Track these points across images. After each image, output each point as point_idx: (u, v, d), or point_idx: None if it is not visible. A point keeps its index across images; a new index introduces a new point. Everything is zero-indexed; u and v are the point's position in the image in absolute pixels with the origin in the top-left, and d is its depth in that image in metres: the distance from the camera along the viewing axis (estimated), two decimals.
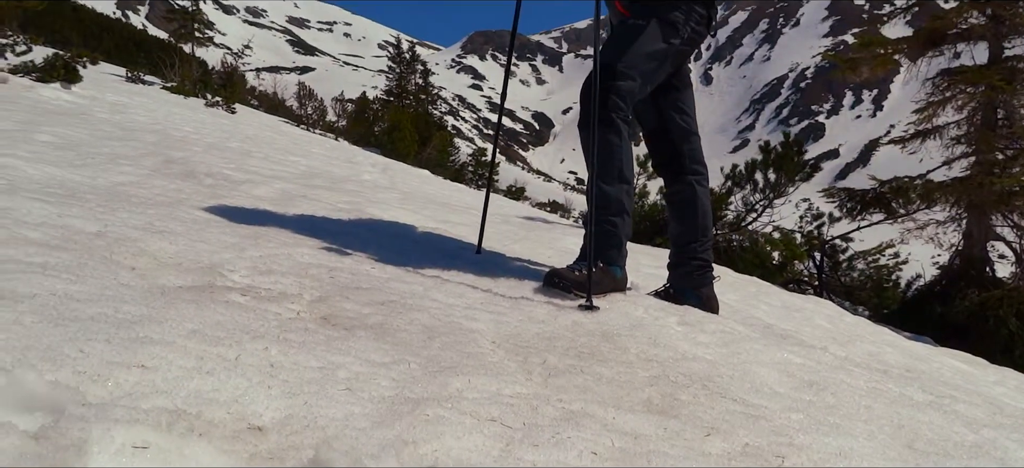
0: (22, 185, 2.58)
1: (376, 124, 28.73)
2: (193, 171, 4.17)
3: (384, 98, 40.36)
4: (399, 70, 43.57)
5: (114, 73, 21.13)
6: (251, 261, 2.23)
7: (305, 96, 29.58)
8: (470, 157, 27.40)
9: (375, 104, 34.32)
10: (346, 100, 35.63)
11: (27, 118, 5.51)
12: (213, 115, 15.93)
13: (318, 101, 28.82)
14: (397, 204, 5.12)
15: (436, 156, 25.05)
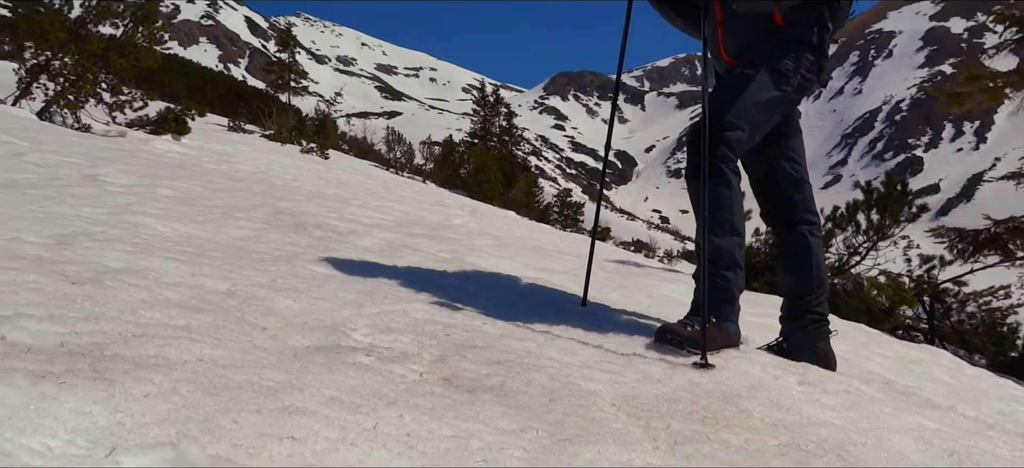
0: (156, 244, 2.72)
1: (462, 166, 29.26)
2: (302, 223, 4.32)
3: (469, 140, 41.09)
4: (483, 113, 44.27)
5: (217, 123, 22.33)
6: (370, 318, 2.28)
7: (393, 140, 30.43)
8: (555, 198, 27.46)
9: (460, 147, 35.01)
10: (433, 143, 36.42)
11: (147, 171, 5.84)
12: (309, 161, 16.57)
13: (406, 145, 29.59)
14: (493, 251, 5.15)
15: (521, 197, 25.23)
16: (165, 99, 17.05)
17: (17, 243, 2.26)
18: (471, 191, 23.13)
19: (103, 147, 7.77)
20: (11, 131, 6.68)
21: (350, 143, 34.35)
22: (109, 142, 8.94)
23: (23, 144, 5.73)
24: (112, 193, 3.94)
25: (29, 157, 4.99)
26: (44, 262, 2.09)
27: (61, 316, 1.60)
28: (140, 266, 2.28)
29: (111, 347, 1.48)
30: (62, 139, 7.45)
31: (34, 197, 3.19)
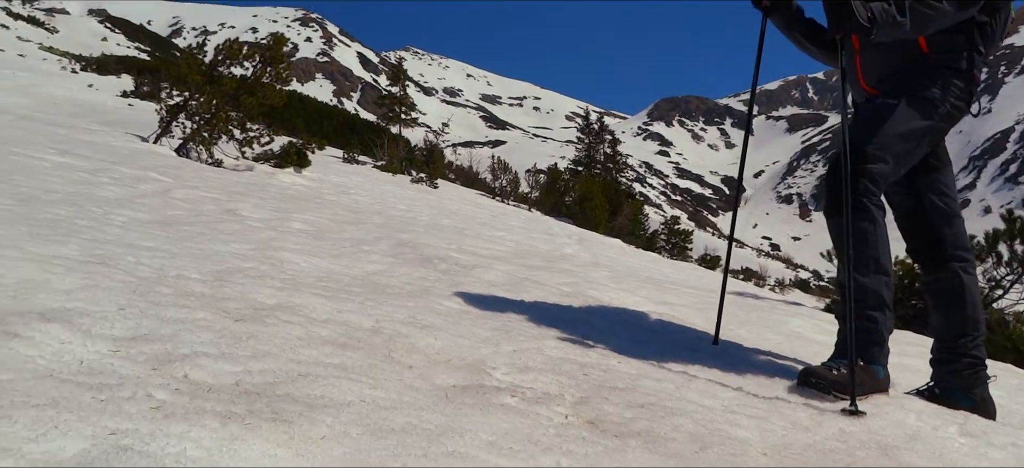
0: (301, 280, 2.84)
1: (567, 194, 29.28)
2: (426, 256, 4.42)
3: (573, 168, 41.13)
4: (588, 140, 44.22)
5: (333, 155, 23.32)
6: (508, 357, 2.29)
7: (500, 169, 30.85)
8: (663, 225, 27.04)
9: (565, 174, 35.12)
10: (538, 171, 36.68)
11: (278, 205, 6.15)
12: (419, 191, 17.03)
13: (512, 174, 29.93)
14: (612, 284, 5.11)
15: (627, 225, 24.98)
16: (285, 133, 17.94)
17: (183, 280, 2.41)
18: (577, 219, 23.10)
19: (236, 181, 8.25)
20: (157, 168, 7.19)
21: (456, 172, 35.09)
22: (240, 176, 9.47)
23: (169, 181, 6.16)
24: (253, 228, 4.17)
25: (176, 193, 5.35)
26: (208, 299, 2.22)
27: (232, 355, 1.69)
28: (291, 303, 2.38)
29: (281, 386, 1.55)
30: (200, 174, 7.96)
31: (189, 233, 3.41)
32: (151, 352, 1.61)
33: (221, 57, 12.15)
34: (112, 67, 41.38)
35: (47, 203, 3.42)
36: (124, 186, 4.90)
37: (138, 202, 4.25)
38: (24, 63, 35.39)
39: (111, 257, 2.53)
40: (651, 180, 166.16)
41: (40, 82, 27.69)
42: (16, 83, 26.26)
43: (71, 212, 3.29)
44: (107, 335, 1.68)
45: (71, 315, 1.74)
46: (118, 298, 1.99)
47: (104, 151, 7.91)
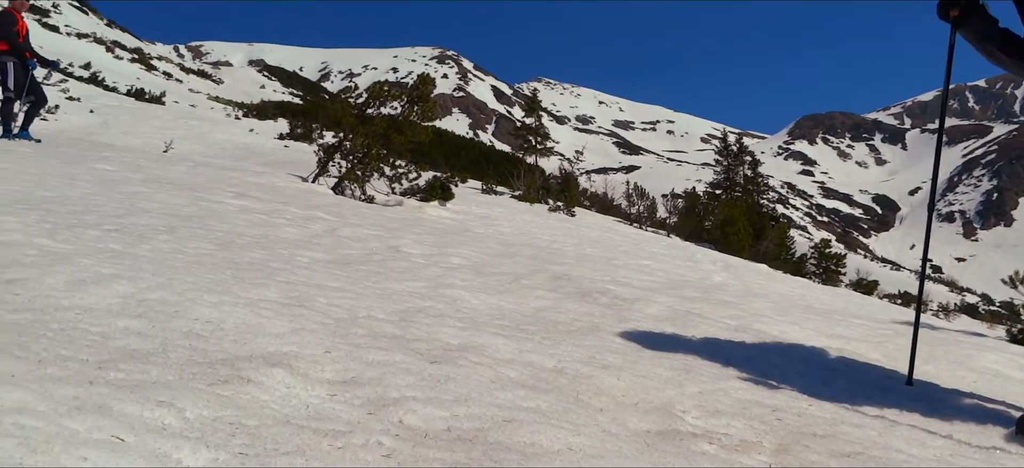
0: (477, 318, 2.91)
1: (706, 219, 28.50)
2: (585, 289, 4.41)
3: (711, 191, 40.01)
4: (726, 162, 42.92)
5: (472, 187, 23.92)
6: (694, 399, 2.23)
7: (637, 194, 30.53)
8: (812, 249, 25.71)
9: (703, 198, 34.21)
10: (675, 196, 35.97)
11: (433, 240, 6.35)
12: (558, 220, 17.12)
13: (648, 199, 29.51)
14: (776, 315, 4.88)
15: (773, 250, 23.95)
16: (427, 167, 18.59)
17: (373, 321, 2.53)
18: (718, 244, 22.41)
19: (390, 217, 8.61)
20: (321, 207, 7.63)
21: (591, 199, 35.03)
22: (392, 211, 9.89)
23: (334, 220, 6.52)
24: (418, 265, 4.32)
25: (343, 232, 5.64)
26: (399, 341, 2.31)
27: (437, 399, 1.74)
28: (474, 343, 2.44)
29: (491, 433, 1.57)
30: (358, 212, 8.38)
31: (365, 273, 3.59)
32: (364, 396, 1.69)
33: (371, 99, 12.79)
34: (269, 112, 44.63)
35: (241, 247, 3.70)
36: (298, 226, 5.22)
37: (314, 242, 4.51)
38: (195, 112, 38.85)
39: (306, 299, 2.69)
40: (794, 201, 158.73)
41: (209, 130, 30.29)
42: (190, 131, 28.87)
43: (263, 255, 3.55)
44: (322, 378, 1.78)
45: (288, 359, 1.85)
46: (323, 340, 2.11)
47: (273, 192, 8.48)
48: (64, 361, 1.54)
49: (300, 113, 45.72)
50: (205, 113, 38.98)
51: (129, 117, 29.81)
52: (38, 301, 2.07)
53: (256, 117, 41.38)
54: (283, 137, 32.46)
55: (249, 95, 62.70)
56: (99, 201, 4.38)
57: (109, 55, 52.79)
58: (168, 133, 26.81)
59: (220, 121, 35.34)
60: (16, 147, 8.22)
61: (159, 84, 47.69)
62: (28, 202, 3.82)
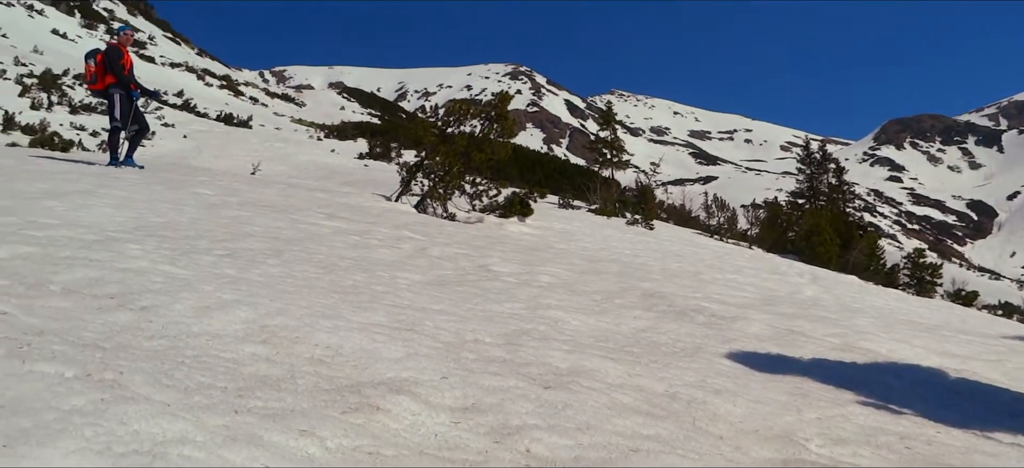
0: (581, 341, 2.90)
1: (790, 229, 27.69)
2: (679, 307, 4.34)
3: (792, 201, 38.85)
4: (809, 170, 41.58)
5: (549, 201, 23.94)
6: (815, 425, 2.15)
7: (718, 206, 29.95)
8: (905, 259, 24.64)
9: (786, 208, 33.26)
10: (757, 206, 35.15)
11: (520, 257, 6.37)
12: (636, 233, 16.94)
13: (729, 210, 28.90)
14: (882, 332, 4.69)
15: (863, 260, 23.07)
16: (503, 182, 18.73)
17: (481, 345, 2.55)
18: (803, 255, 21.73)
19: (474, 234, 8.69)
20: (407, 226, 7.77)
21: (669, 211, 34.52)
22: (475, 229, 9.98)
23: (422, 239, 6.62)
24: (511, 284, 4.34)
25: (432, 251, 5.73)
26: (510, 365, 2.32)
27: (558, 426, 1.74)
28: (583, 367, 2.43)
29: (618, 463, 1.56)
30: (442, 230, 8.49)
31: (463, 294, 3.63)
32: (487, 424, 1.70)
33: (451, 118, 12.95)
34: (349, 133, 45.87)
35: (344, 270, 3.80)
36: (391, 247, 5.33)
37: (409, 263, 4.59)
38: (280, 135, 40.28)
39: (414, 323, 2.73)
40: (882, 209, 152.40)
41: (293, 151, 31.35)
42: (275, 153, 29.94)
43: (365, 278, 3.63)
44: (444, 405, 1.80)
45: (409, 385, 1.89)
46: (438, 366, 2.14)
47: (360, 212, 8.69)
48: (206, 389, 1.61)
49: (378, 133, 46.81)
50: (289, 135, 40.38)
51: (219, 141, 31.16)
52: (171, 328, 2.18)
53: (337, 138, 42.60)
54: (363, 157, 33.33)
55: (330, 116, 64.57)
56: (207, 226, 4.58)
57: (200, 83, 55.29)
58: (255, 155, 27.86)
59: (303, 143, 36.54)
60: (124, 174, 8.68)
61: (246, 109, 49.67)
62: (145, 229, 4.03)
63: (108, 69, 10.37)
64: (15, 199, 4.48)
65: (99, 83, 10.44)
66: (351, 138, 43.48)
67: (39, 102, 30.40)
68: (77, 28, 56.34)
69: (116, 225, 4.04)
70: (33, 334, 1.83)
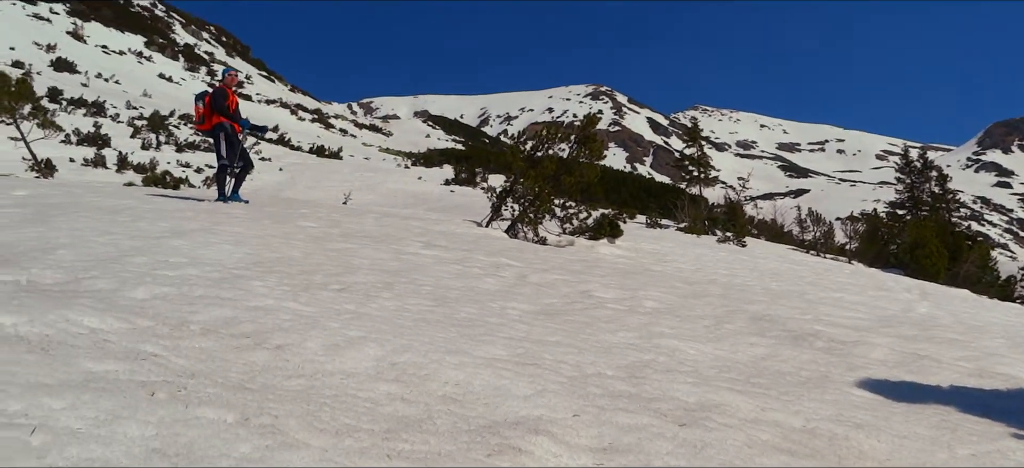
0: (704, 372, 2.83)
1: (891, 242, 26.50)
2: (794, 333, 4.19)
3: (893, 212, 37.16)
4: (910, 179, 39.68)
5: (636, 222, 23.67)
6: (969, 462, 2.02)
7: (813, 219, 28.98)
8: (1022, 270, 23.16)
9: (886, 220, 31.88)
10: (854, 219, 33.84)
11: (619, 282, 6.30)
12: (729, 251, 16.55)
13: (825, 224, 27.91)
14: (1015, 354, 4.40)
15: (974, 272, 21.80)
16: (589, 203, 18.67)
17: (603, 378, 2.53)
18: (908, 269, 20.73)
19: (569, 259, 8.66)
20: (503, 252, 7.82)
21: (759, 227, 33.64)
22: (568, 253, 9.95)
23: (519, 265, 6.65)
24: (617, 311, 4.29)
25: (532, 278, 5.74)
26: (637, 400, 2.28)
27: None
28: (712, 401, 2.37)
29: None
30: (537, 255, 8.50)
31: (575, 323, 3.61)
32: (631, 466, 1.67)
33: (539, 142, 13.00)
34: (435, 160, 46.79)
35: (454, 301, 3.85)
36: (493, 275, 5.37)
37: (514, 292, 4.61)
38: (369, 164, 41.41)
39: (534, 356, 2.73)
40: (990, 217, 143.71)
41: (381, 180, 32.19)
42: (365, 182, 30.80)
43: (477, 310, 3.67)
44: (582, 445, 1.78)
45: (544, 424, 1.88)
46: (567, 402, 2.12)
47: (455, 239, 8.80)
48: (354, 432, 1.65)
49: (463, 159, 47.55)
50: (378, 164, 41.52)
51: (312, 173, 32.30)
52: (306, 367, 2.25)
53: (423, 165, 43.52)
54: (449, 182, 33.89)
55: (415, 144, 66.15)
56: (318, 260, 4.73)
57: (293, 117, 57.72)
58: (347, 185, 28.75)
59: (391, 171, 37.47)
60: (232, 209, 9.09)
61: (336, 140, 51.45)
62: (263, 265, 4.19)
63: (215, 109, 10.93)
64: (144, 239, 4.74)
65: (207, 123, 10.99)
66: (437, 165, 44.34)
67: (148, 142, 32.31)
68: (181, 72, 59.81)
69: (236, 261, 4.22)
70: (187, 377, 1.92)
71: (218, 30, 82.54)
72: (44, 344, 2.01)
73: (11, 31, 53.03)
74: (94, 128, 31.98)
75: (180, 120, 39.53)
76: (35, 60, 47.85)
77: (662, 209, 33.27)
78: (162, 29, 68.53)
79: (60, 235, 4.51)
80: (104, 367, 1.87)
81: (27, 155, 17.56)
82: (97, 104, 38.68)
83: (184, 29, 73.31)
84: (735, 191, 37.11)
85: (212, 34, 78.91)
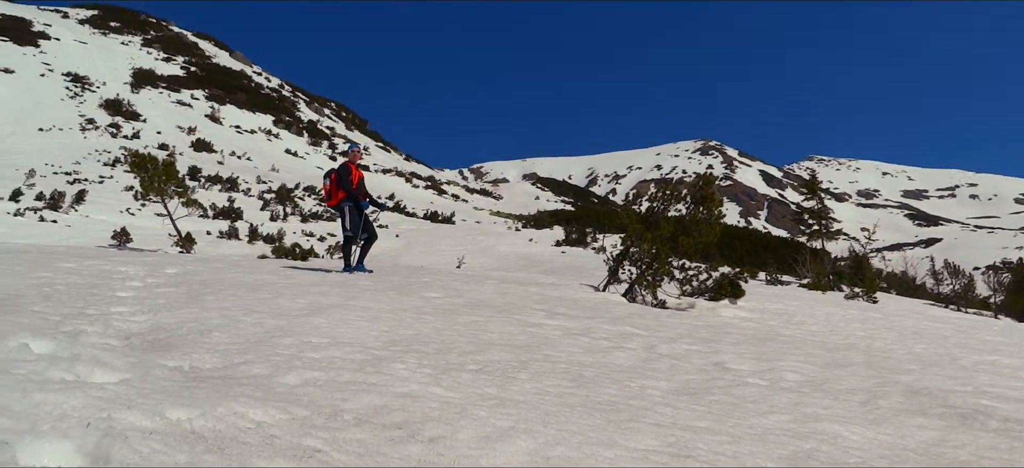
0: (876, 463, 2.61)
1: None
2: (961, 411, 3.84)
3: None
4: None
5: (756, 280, 22.82)
6: None
7: (950, 271, 27.16)
8: None
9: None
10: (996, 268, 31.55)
11: (753, 351, 6.04)
12: (860, 309, 15.64)
13: (963, 275, 26.05)
14: None
15: None
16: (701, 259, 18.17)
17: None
18: None
19: (694, 324, 8.40)
20: (625, 319, 7.68)
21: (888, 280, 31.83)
22: (692, 317, 9.67)
23: (645, 334, 6.49)
24: (761, 389, 4.09)
25: (661, 349, 5.58)
26: None
27: None
28: None
29: None
30: (660, 320, 8.29)
31: (719, 404, 3.45)
32: None
33: (658, 204, 12.84)
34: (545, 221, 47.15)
35: (591, 381, 3.78)
36: (622, 348, 5.26)
37: (648, 368, 4.49)
38: (480, 228, 42.14)
39: (687, 446, 2.62)
40: None
41: (493, 243, 32.65)
42: (477, 246, 31.32)
43: (617, 391, 3.58)
44: None
45: None
46: None
47: (575, 306, 8.73)
48: None
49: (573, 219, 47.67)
50: (489, 227, 42.22)
51: (426, 238, 33.18)
52: (461, 460, 2.23)
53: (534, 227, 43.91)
54: (560, 243, 33.98)
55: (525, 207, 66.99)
56: (449, 336, 4.79)
57: (408, 185, 59.94)
58: (460, 249, 29.32)
59: (503, 234, 37.99)
60: (358, 280, 9.41)
61: (449, 205, 52.87)
62: (400, 343, 4.28)
63: (340, 185, 11.47)
64: (286, 318, 4.95)
65: (334, 198, 11.52)
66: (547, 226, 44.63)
67: (276, 213, 34.25)
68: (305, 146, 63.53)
69: (373, 340, 4.33)
70: None
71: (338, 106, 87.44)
72: (219, 441, 2.09)
73: (159, 116, 58.16)
74: (228, 202, 34.26)
75: (304, 192, 41.78)
76: (178, 142, 52.09)
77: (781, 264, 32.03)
78: (288, 108, 73.26)
79: (212, 315, 4.77)
80: (276, 466, 1.93)
81: (172, 230, 18.96)
82: (231, 180, 41.52)
83: (308, 107, 78.06)
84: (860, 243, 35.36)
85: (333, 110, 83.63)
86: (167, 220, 20.01)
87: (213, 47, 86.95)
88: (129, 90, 62.87)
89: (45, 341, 3.21)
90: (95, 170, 38.74)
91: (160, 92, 65.05)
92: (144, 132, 52.86)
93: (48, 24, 72.88)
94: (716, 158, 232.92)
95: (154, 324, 4.39)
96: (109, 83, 62.97)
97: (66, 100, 56.41)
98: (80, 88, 59.96)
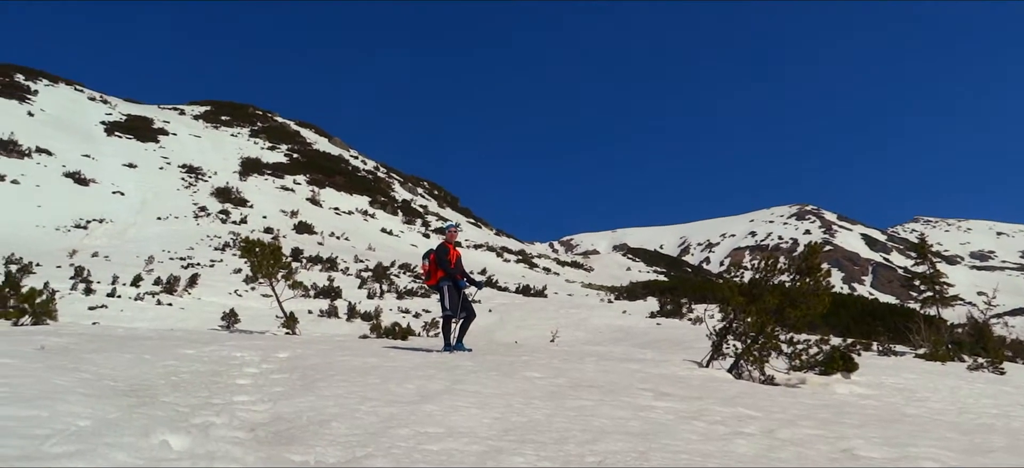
0: None
1: None
2: None
3: None
4: None
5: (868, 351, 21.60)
6: None
7: None
8: None
9: None
10: None
11: (880, 436, 5.67)
12: (987, 381, 14.59)
13: None
14: None
15: None
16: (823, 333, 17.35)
17: None
18: None
19: (810, 403, 7.99)
20: (736, 399, 7.38)
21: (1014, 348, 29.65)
22: (806, 395, 9.22)
23: (760, 416, 6.21)
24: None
25: (781, 434, 5.31)
26: None
27: None
28: None
29: None
30: (773, 400, 7.92)
31: None
32: None
33: (762, 275, 12.45)
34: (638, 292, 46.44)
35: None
36: (741, 434, 5.04)
37: (774, 458, 4.28)
38: (573, 301, 41.83)
39: None
40: None
41: (586, 315, 32.32)
42: (570, 319, 31.04)
43: None
44: None
45: None
46: None
47: (681, 385, 8.48)
48: None
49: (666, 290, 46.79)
50: (581, 300, 41.90)
51: (520, 312, 33.17)
52: None
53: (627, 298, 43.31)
54: (654, 315, 33.30)
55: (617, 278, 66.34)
56: (561, 423, 4.71)
57: (499, 260, 60.55)
58: (553, 322, 29.11)
59: (595, 306, 37.59)
60: (459, 361, 9.45)
61: (540, 279, 52.94)
62: (514, 432, 4.24)
63: (439, 265, 11.68)
64: (398, 405, 5.00)
65: (432, 278, 11.72)
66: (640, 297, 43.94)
67: (373, 291, 35.10)
68: (400, 225, 65.44)
69: (486, 429, 4.30)
70: None
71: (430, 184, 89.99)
72: None
73: (265, 201, 61.41)
74: (328, 281, 35.44)
75: (400, 269, 42.79)
76: (282, 224, 54.71)
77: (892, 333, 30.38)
78: (383, 188, 75.98)
79: (328, 404, 4.87)
80: None
81: (278, 311, 19.74)
82: (330, 260, 43.03)
83: (401, 186, 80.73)
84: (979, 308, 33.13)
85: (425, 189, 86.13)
86: (272, 300, 20.85)
87: (313, 134, 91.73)
88: (237, 178, 66.78)
89: (181, 436, 3.35)
90: (206, 254, 40.98)
91: (265, 179, 68.78)
92: (251, 217, 55.81)
93: (166, 121, 78.81)
94: (813, 223, 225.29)
95: (275, 414, 4.51)
96: (219, 172, 67.12)
97: (181, 190, 60.36)
98: (194, 178, 64.11)
